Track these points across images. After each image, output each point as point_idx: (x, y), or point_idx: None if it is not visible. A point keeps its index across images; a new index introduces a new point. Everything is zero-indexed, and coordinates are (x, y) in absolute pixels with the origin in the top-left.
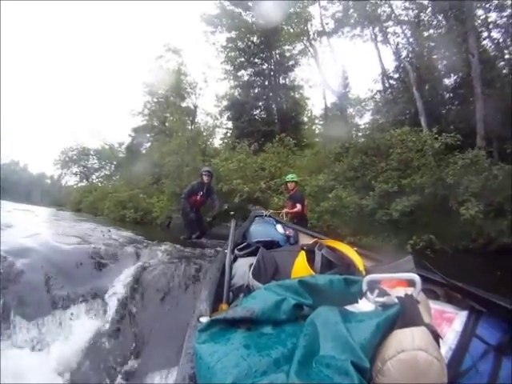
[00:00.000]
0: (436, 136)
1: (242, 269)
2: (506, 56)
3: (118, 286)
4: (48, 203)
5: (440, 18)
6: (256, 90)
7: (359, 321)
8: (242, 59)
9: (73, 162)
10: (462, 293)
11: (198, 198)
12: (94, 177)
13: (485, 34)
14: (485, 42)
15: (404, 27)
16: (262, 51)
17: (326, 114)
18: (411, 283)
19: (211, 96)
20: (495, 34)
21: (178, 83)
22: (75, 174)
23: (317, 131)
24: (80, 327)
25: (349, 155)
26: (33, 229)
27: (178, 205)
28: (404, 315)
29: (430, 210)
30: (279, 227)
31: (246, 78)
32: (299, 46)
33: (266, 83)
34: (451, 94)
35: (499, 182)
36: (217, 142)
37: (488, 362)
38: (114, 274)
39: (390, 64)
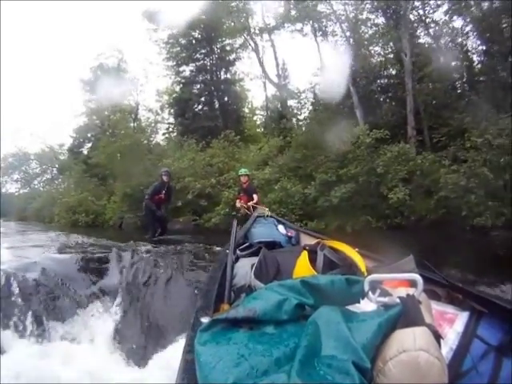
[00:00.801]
0: (368, 132)
1: (244, 269)
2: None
3: (119, 282)
4: None
5: (377, 16)
6: (198, 86)
7: (361, 321)
8: (184, 55)
9: (13, 169)
10: (463, 293)
11: (162, 196)
12: (35, 182)
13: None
14: (421, 40)
15: (343, 25)
16: (204, 46)
17: (266, 105)
18: (413, 283)
19: (152, 92)
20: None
21: (119, 80)
22: (16, 180)
23: (258, 122)
24: (101, 322)
25: (291, 148)
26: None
27: (130, 205)
28: (405, 315)
29: (366, 195)
30: (281, 228)
31: (187, 73)
32: (240, 40)
33: (208, 78)
34: (385, 89)
35: (426, 167)
36: (159, 138)
37: (489, 363)
38: (111, 274)
39: (329, 59)
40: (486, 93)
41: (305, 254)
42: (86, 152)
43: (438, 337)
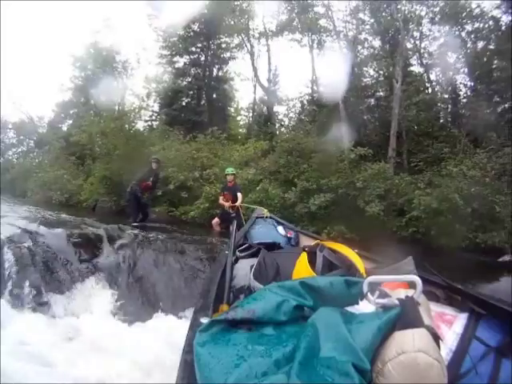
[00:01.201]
0: (352, 148)
1: (243, 270)
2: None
3: (113, 258)
4: None
5: (374, 39)
6: (189, 79)
7: (360, 322)
8: (180, 46)
9: None
10: (462, 295)
11: (150, 184)
12: (10, 153)
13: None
14: (413, 68)
15: (341, 42)
16: (201, 41)
17: (253, 107)
18: (412, 285)
19: (142, 77)
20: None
21: (111, 60)
22: None
23: (241, 122)
24: (99, 296)
25: (275, 153)
26: None
27: (107, 189)
28: (404, 317)
29: (343, 207)
30: (280, 229)
31: (181, 65)
32: (237, 40)
33: (201, 73)
34: (372, 110)
35: (402, 187)
36: (140, 124)
37: (488, 364)
38: (103, 251)
39: (322, 72)
40: (466, 127)
41: (304, 256)
42: (65, 128)
43: (437, 338)
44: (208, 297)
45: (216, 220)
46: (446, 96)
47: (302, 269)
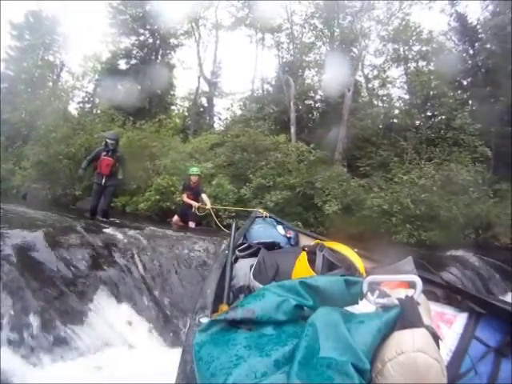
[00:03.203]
0: (311, 150)
1: (243, 270)
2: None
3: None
4: None
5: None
6: (133, 62)
7: (360, 322)
8: (129, 25)
9: None
10: (462, 295)
11: (103, 159)
12: None
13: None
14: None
15: (292, 46)
16: (151, 23)
17: (195, 99)
18: (411, 285)
19: (80, 54)
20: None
21: (51, 32)
22: None
23: (176, 111)
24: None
25: (227, 147)
26: None
27: (43, 175)
28: (404, 317)
29: (298, 204)
30: (280, 228)
31: (127, 45)
32: (186, 27)
33: (147, 56)
34: (322, 114)
35: (353, 189)
36: (72, 106)
37: (487, 364)
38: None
39: (270, 71)
40: (411, 141)
41: (304, 255)
42: None
43: (436, 338)
44: (207, 297)
45: (176, 218)
46: (381, 105)
47: (301, 268)
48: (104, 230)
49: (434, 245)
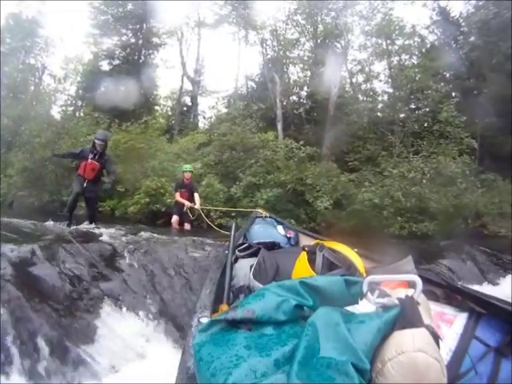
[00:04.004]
0: (300, 146)
1: (243, 270)
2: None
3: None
4: None
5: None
6: (116, 62)
7: (360, 322)
8: (111, 26)
9: None
10: (462, 294)
11: (95, 163)
12: None
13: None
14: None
15: (276, 43)
16: (134, 23)
17: (179, 98)
18: (411, 284)
19: (61, 56)
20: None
21: (32, 34)
22: None
23: (159, 112)
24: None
25: (215, 146)
26: None
27: (29, 182)
28: (404, 316)
29: (288, 201)
30: (280, 228)
31: (109, 46)
32: (168, 26)
33: (129, 56)
34: (309, 111)
35: (343, 184)
36: (55, 110)
37: (487, 364)
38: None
39: (254, 68)
40: (399, 135)
41: (304, 255)
42: None
43: (436, 338)
44: (207, 297)
45: (175, 218)
46: (366, 99)
47: (301, 268)
48: (99, 238)
49: (425, 236)
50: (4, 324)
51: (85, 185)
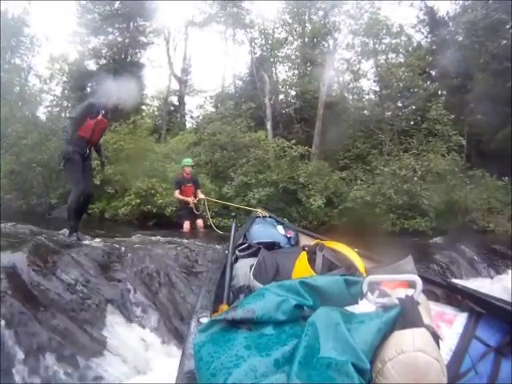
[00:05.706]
0: (292, 146)
1: (243, 269)
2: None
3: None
4: None
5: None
6: (103, 61)
7: (360, 322)
8: (97, 25)
9: None
10: (462, 294)
11: (99, 119)
12: None
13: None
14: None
15: (264, 42)
16: (120, 22)
17: (167, 98)
18: (412, 284)
19: (47, 56)
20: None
21: (18, 33)
22: None
23: (146, 111)
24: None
25: (205, 146)
26: None
27: (16, 185)
28: (404, 316)
29: (280, 200)
30: (280, 228)
31: (96, 45)
32: (155, 25)
33: (116, 56)
34: (298, 110)
35: (334, 182)
36: (41, 110)
37: (487, 364)
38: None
39: (241, 67)
40: (388, 133)
41: (304, 255)
42: None
43: (436, 338)
44: (207, 297)
45: (187, 224)
46: (353, 97)
47: (301, 268)
48: (93, 240)
49: (417, 232)
50: (9, 337)
51: (87, 150)
